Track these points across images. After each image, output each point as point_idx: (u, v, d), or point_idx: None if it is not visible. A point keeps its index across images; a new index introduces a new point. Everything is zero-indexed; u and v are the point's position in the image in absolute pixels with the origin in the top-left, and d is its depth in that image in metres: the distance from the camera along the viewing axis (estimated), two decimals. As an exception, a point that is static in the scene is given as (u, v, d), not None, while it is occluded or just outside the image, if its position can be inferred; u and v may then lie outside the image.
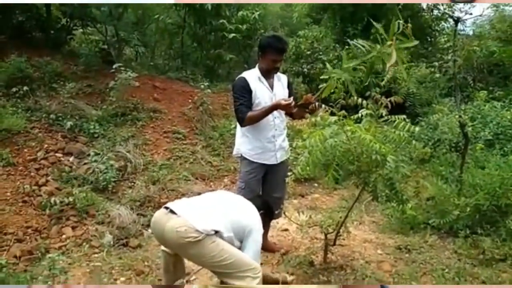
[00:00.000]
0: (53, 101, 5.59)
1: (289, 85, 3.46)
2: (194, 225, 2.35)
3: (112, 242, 3.77)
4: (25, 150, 4.71)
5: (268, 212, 3.01)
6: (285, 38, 3.24)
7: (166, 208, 2.52)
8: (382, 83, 7.39)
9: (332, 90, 2.42)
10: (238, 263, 2.42)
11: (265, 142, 3.30)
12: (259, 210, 2.75)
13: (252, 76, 3.25)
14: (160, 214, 2.54)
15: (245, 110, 3.17)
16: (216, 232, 2.41)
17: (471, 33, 10.09)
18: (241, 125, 3.27)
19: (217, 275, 2.61)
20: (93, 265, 3.39)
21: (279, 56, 3.20)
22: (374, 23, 2.26)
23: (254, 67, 3.35)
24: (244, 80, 3.21)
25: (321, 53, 8.60)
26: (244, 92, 3.19)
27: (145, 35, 9.06)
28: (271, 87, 3.29)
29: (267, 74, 3.27)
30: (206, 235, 2.35)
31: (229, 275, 2.44)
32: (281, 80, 3.39)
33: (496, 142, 5.56)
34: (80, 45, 8.25)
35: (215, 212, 2.53)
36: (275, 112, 3.24)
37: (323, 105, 2.78)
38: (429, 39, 10.16)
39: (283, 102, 3.05)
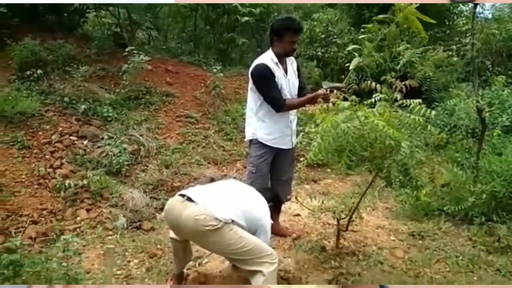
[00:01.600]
0: (67, 84, 5.62)
1: (299, 69, 3.44)
2: (213, 213, 2.34)
3: (125, 225, 3.82)
4: (40, 133, 4.76)
5: (277, 204, 3.01)
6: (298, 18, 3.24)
7: (182, 195, 2.51)
8: (398, 67, 7.28)
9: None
10: (256, 250, 2.43)
11: (283, 127, 3.30)
12: (268, 202, 2.74)
13: (271, 62, 3.20)
14: (175, 202, 2.53)
15: (281, 97, 3.18)
16: (233, 220, 2.41)
17: (490, 16, 9.83)
18: (278, 111, 3.23)
19: (233, 262, 2.62)
20: (106, 247, 3.43)
21: (296, 37, 3.19)
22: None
23: (266, 50, 3.30)
24: (267, 67, 3.16)
25: (335, 36, 8.47)
26: (272, 79, 3.16)
27: (158, 18, 9.02)
28: (285, 71, 3.26)
29: (283, 58, 3.24)
30: (225, 223, 2.35)
31: (247, 261, 2.44)
32: (293, 64, 3.36)
33: (514, 129, 5.44)
34: (93, 28, 8.26)
35: (230, 201, 2.52)
36: (288, 96, 3.24)
37: (335, 91, 2.73)
38: (447, 22, 9.91)
39: (321, 93, 3.02)
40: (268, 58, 3.22)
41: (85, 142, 4.89)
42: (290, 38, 3.14)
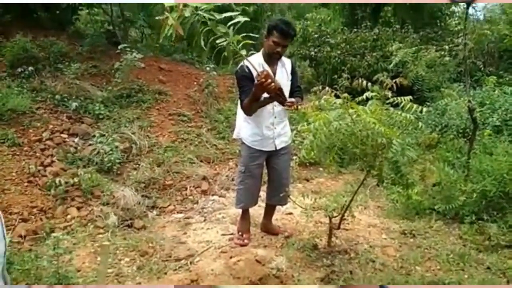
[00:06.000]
0: (58, 81, 5.56)
1: (293, 71, 3.34)
2: None
3: (116, 223, 3.79)
4: (30, 130, 4.71)
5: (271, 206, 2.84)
6: (294, 25, 3.11)
7: None
8: (390, 67, 7.28)
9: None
10: None
11: (264, 130, 3.25)
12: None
13: (255, 62, 3.08)
14: None
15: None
16: None
17: (481, 17, 9.92)
18: (247, 115, 3.21)
19: None
20: (97, 245, 3.41)
21: (282, 40, 3.07)
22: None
23: (259, 50, 3.27)
24: (246, 69, 3.09)
25: (328, 36, 8.49)
26: (246, 81, 3.11)
27: (151, 16, 8.96)
28: (274, 74, 3.16)
29: (269, 59, 3.16)
30: None
31: None
32: (285, 66, 3.27)
33: (504, 129, 5.47)
34: (86, 26, 8.21)
35: None
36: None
37: (327, 88, 2.74)
38: (439, 23, 9.99)
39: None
40: (254, 59, 3.12)
41: (76, 139, 4.85)
42: (276, 38, 3.05)
